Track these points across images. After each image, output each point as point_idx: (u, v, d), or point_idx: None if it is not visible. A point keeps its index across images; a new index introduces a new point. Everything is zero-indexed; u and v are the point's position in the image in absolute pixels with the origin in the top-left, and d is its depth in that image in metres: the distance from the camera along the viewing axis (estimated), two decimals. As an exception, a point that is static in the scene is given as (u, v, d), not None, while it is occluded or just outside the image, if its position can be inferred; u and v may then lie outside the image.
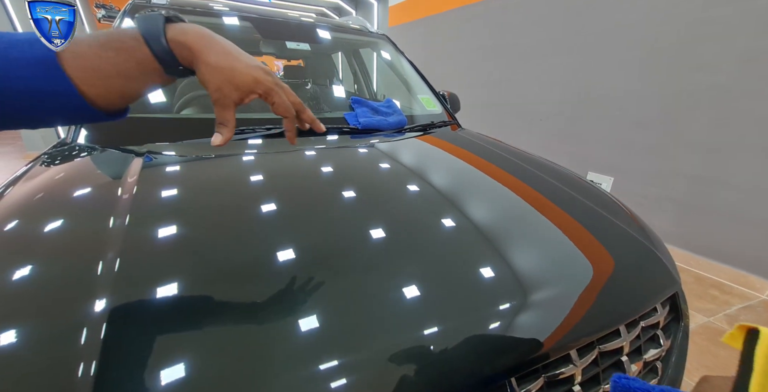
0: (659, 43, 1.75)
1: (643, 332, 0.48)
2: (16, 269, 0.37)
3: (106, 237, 0.42)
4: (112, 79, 0.29)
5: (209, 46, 0.31)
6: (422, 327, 0.36)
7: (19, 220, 0.45)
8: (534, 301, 0.42)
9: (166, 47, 0.29)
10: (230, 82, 0.32)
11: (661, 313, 0.50)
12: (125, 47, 0.29)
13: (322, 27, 1.23)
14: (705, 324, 1.32)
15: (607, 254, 0.54)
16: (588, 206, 0.67)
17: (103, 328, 0.31)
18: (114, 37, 0.29)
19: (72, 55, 0.28)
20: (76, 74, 0.28)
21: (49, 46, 0.27)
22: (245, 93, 0.34)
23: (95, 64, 0.28)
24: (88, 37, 0.29)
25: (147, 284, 0.37)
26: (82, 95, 0.28)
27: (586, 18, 2.09)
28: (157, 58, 0.30)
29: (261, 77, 0.34)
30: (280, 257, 0.43)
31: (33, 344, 0.30)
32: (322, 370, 0.31)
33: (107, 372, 0.28)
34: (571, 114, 2.28)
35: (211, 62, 0.31)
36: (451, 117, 1.23)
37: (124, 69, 0.29)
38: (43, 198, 0.51)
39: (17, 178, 0.57)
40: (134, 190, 0.51)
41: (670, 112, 1.76)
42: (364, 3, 5.75)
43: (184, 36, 0.30)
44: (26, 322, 0.32)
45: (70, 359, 0.29)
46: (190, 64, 0.31)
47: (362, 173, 0.72)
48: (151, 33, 0.29)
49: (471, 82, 3.05)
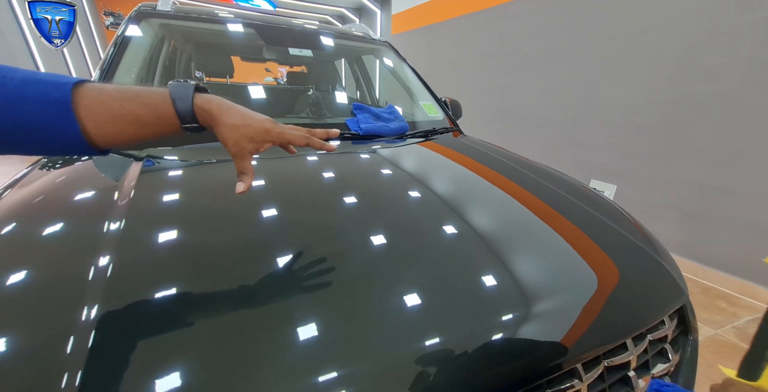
0: (663, 52, 1.76)
1: (651, 346, 0.46)
2: (6, 274, 0.36)
3: (101, 242, 0.41)
4: (126, 125, 0.33)
5: (228, 111, 0.38)
6: (423, 338, 0.35)
7: (13, 223, 0.45)
8: (537, 313, 0.41)
9: (190, 110, 0.36)
10: (245, 136, 0.38)
11: (669, 326, 0.49)
12: (151, 103, 0.34)
13: (325, 34, 1.24)
14: (712, 337, 1.29)
15: (612, 264, 0.52)
16: (592, 215, 0.66)
17: (91, 336, 0.30)
18: (142, 94, 0.34)
19: (96, 102, 0.32)
20: (91, 117, 0.31)
21: (65, 83, 0.30)
22: (260, 143, 0.40)
23: (114, 113, 0.32)
24: (114, 88, 0.33)
25: (139, 292, 0.36)
26: (85, 135, 0.32)
27: (589, 26, 2.11)
28: (179, 117, 0.35)
29: (269, 127, 0.40)
30: (279, 263, 0.42)
31: (17, 351, 0.29)
32: (323, 380, 0.30)
33: (92, 382, 0.27)
34: (574, 121, 2.28)
35: (228, 123, 0.37)
36: (452, 123, 1.23)
37: (141, 120, 0.34)
38: (39, 202, 0.51)
39: (15, 181, 0.57)
40: (132, 194, 0.51)
41: (675, 120, 1.76)
42: (368, 11, 5.86)
43: (209, 105, 0.37)
44: (11, 329, 0.31)
45: (54, 368, 0.28)
46: (208, 125, 0.38)
47: (364, 179, 0.71)
48: (181, 98, 0.35)
49: (473, 89, 3.07)
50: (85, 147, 0.32)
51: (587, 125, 2.19)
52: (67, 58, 4.51)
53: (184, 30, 1.18)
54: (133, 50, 0.89)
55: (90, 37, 5.21)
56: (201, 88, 0.38)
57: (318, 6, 6.17)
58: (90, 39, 5.21)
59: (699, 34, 1.62)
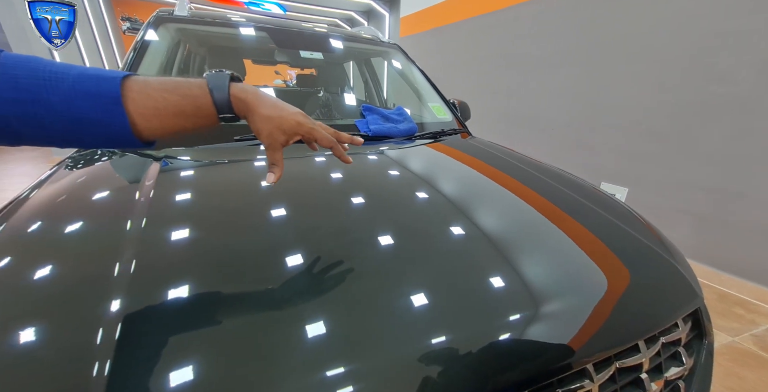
0: (675, 53, 1.73)
1: (664, 349, 0.46)
2: (37, 269, 0.38)
3: (124, 239, 0.43)
4: (169, 117, 0.34)
5: (262, 102, 0.38)
6: (432, 338, 0.35)
7: (41, 221, 0.47)
8: (546, 313, 0.41)
9: (227, 99, 0.36)
10: (279, 127, 0.39)
11: (683, 329, 0.48)
12: (190, 94, 0.35)
13: (335, 37, 1.26)
14: (729, 344, 1.25)
15: (624, 265, 0.52)
16: (603, 217, 0.65)
17: (118, 328, 0.32)
18: (181, 85, 0.35)
19: (143, 95, 0.33)
20: (139, 111, 0.33)
21: (111, 77, 0.32)
22: (290, 135, 0.41)
23: (159, 105, 0.34)
24: (156, 81, 0.35)
25: (161, 286, 0.37)
26: (132, 128, 0.33)
27: (598, 28, 2.09)
28: (216, 107, 0.36)
29: (302, 121, 0.41)
30: (293, 261, 0.43)
31: (52, 342, 0.31)
32: (332, 376, 0.31)
33: (121, 371, 0.29)
34: (583, 124, 2.25)
35: (263, 113, 0.38)
36: (461, 125, 1.23)
37: (183, 111, 0.35)
38: (65, 201, 0.53)
39: (42, 181, 0.59)
40: (151, 193, 0.53)
41: (687, 123, 1.72)
42: (376, 14, 5.91)
43: (244, 94, 0.37)
44: (44, 321, 0.33)
45: (85, 358, 0.29)
46: (243, 115, 0.38)
47: (374, 180, 0.72)
48: (218, 87, 0.36)
49: (479, 90, 3.06)
50: (132, 140, 0.34)
51: (597, 127, 2.16)
52: (86, 62, 4.67)
53: (200, 34, 1.21)
54: (152, 54, 0.92)
55: (107, 41, 5.38)
56: (236, 78, 0.38)
57: (327, 9, 6.25)
58: (107, 43, 5.38)
59: (712, 35, 1.59)
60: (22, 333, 0.31)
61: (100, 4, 5.29)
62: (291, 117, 0.40)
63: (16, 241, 0.43)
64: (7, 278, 0.38)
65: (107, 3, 5.57)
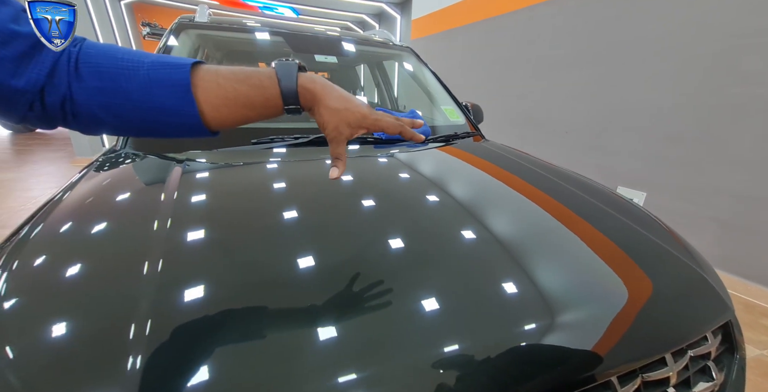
0: (696, 54, 1.68)
1: (692, 362, 0.44)
2: (72, 267, 0.40)
3: (151, 239, 0.45)
4: (238, 108, 0.34)
5: (330, 93, 0.37)
6: (448, 343, 0.35)
7: (75, 222, 0.49)
8: (566, 321, 0.40)
9: (294, 90, 0.35)
10: (345, 121, 0.37)
11: (713, 343, 0.46)
12: (260, 85, 0.34)
13: (349, 40, 1.27)
14: (757, 358, 1.19)
15: (648, 274, 0.50)
16: (624, 223, 0.63)
17: (148, 324, 0.33)
18: (253, 75, 0.34)
19: (213, 84, 0.32)
20: (208, 100, 0.32)
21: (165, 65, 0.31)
22: (355, 129, 0.39)
23: (229, 95, 0.33)
24: (228, 71, 0.34)
25: (187, 284, 0.38)
26: (201, 116, 0.32)
27: (616, 28, 2.04)
28: (283, 98, 0.35)
29: (367, 113, 0.39)
30: (311, 263, 0.44)
31: (87, 337, 0.32)
32: (351, 380, 0.31)
33: (152, 365, 0.30)
34: (599, 126, 2.19)
35: (330, 106, 0.36)
36: (474, 128, 1.22)
37: (251, 102, 0.34)
38: (96, 202, 0.55)
39: (74, 183, 0.62)
40: (175, 195, 0.54)
41: (710, 125, 1.66)
42: (388, 17, 5.93)
43: (312, 84, 0.36)
44: (81, 316, 0.34)
45: (120, 352, 0.30)
46: (310, 106, 0.37)
47: (389, 184, 0.72)
48: (287, 76, 0.35)
49: (492, 93, 3.03)
50: (201, 129, 0.33)
51: (613, 130, 2.11)
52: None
53: (220, 39, 1.25)
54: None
55: (128, 46, 5.58)
56: (302, 68, 0.37)
57: (339, 13, 6.32)
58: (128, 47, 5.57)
59: (735, 34, 1.53)
60: (63, 327, 0.33)
61: (122, 11, 5.50)
62: (357, 110, 0.38)
63: (53, 240, 0.46)
64: (45, 275, 0.39)
65: (129, 9, 5.79)
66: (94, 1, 3.93)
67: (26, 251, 0.43)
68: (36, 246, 0.44)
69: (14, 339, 0.32)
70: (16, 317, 0.34)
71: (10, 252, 0.42)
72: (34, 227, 0.47)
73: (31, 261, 0.41)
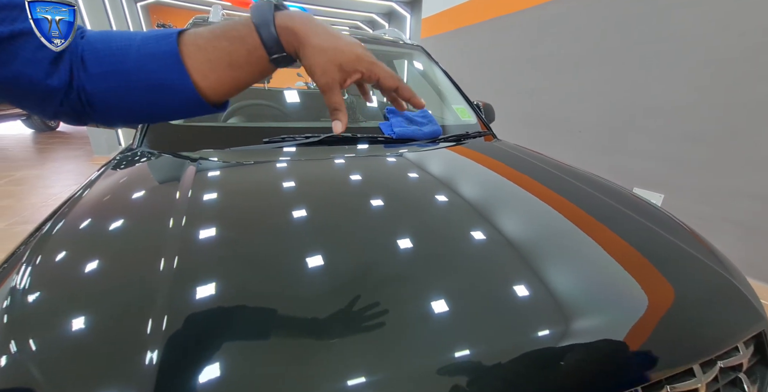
0: (718, 51, 1.61)
1: (722, 374, 0.42)
2: (92, 263, 0.41)
3: (167, 236, 0.45)
4: (223, 70, 0.31)
5: (313, 29, 0.32)
6: (459, 350, 0.34)
7: (95, 219, 0.50)
8: (584, 328, 0.38)
9: (274, 34, 0.30)
10: (334, 61, 0.32)
11: (744, 354, 0.44)
12: (238, 35, 0.30)
13: (363, 40, 1.27)
14: (783, 369, 1.13)
15: (674, 280, 0.48)
16: (648, 227, 0.61)
17: (165, 319, 0.33)
18: (229, 26, 0.31)
19: (195, 48, 0.30)
20: (195, 67, 0.30)
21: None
22: (348, 72, 0.33)
23: (211, 56, 0.30)
24: (206, 29, 0.31)
25: (202, 280, 0.39)
26: (196, 88, 0.30)
27: (632, 25, 1.98)
28: (265, 45, 0.31)
29: (362, 54, 0.33)
30: (323, 262, 0.44)
31: (107, 332, 0.33)
32: (367, 383, 0.30)
33: (169, 359, 0.30)
34: (613, 126, 2.14)
35: (315, 44, 0.31)
36: (486, 127, 1.20)
37: (234, 59, 0.31)
38: (114, 200, 0.57)
39: (92, 181, 0.63)
40: (189, 193, 0.55)
41: (734, 125, 1.59)
42: (397, 16, 5.92)
43: (291, 21, 0.31)
44: (101, 311, 0.35)
45: (138, 347, 0.31)
46: (295, 50, 0.32)
47: (400, 184, 0.72)
48: (262, 19, 0.30)
49: (503, 92, 2.99)
50: (201, 102, 0.31)
51: (628, 129, 2.05)
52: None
53: None
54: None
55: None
56: (281, 6, 0.32)
57: (349, 12, 6.34)
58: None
59: (763, 29, 1.46)
60: (84, 321, 0.33)
61: (138, 12, 5.64)
62: (348, 48, 0.32)
63: (74, 236, 0.47)
64: (67, 269, 0.40)
65: (145, 10, 5.93)
66: (111, 2, 4.04)
67: (49, 247, 0.44)
68: (58, 242, 0.45)
69: (37, 331, 0.32)
70: (39, 309, 0.35)
71: (34, 247, 0.44)
72: (56, 223, 0.48)
73: (53, 256, 0.42)
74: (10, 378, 0.28)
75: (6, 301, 0.35)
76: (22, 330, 0.32)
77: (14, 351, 0.30)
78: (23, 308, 0.34)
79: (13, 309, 0.34)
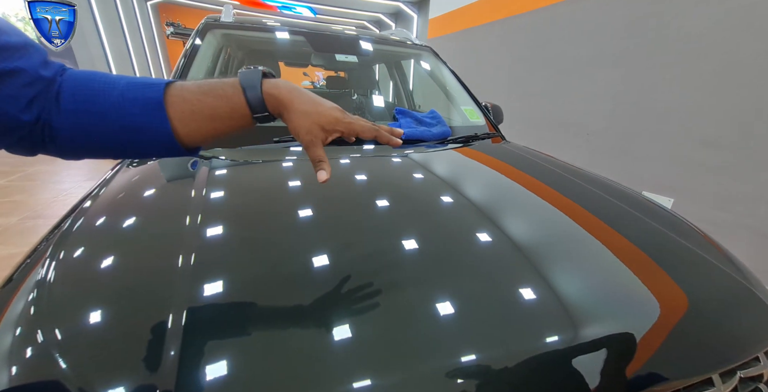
0: (735, 52, 1.58)
1: (742, 385, 0.41)
2: (111, 261, 0.42)
3: (183, 234, 0.46)
4: (203, 120, 0.34)
5: (298, 98, 0.36)
6: (466, 354, 0.34)
7: (112, 218, 0.51)
8: (598, 334, 0.38)
9: (260, 97, 0.34)
10: (317, 123, 0.37)
11: (765, 364, 0.42)
12: (224, 95, 0.34)
13: (370, 40, 1.27)
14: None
15: (687, 286, 0.47)
16: (659, 231, 0.60)
17: (184, 314, 0.34)
18: (217, 86, 0.34)
19: (179, 99, 0.33)
20: (177, 115, 0.32)
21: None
22: (329, 132, 0.38)
23: (195, 108, 0.33)
24: (193, 84, 0.34)
25: (218, 277, 0.39)
26: (174, 133, 0.33)
27: (648, 26, 1.95)
28: (250, 106, 0.34)
29: (340, 116, 0.38)
30: (335, 261, 0.44)
31: (129, 324, 0.34)
32: (376, 386, 0.30)
33: (189, 353, 0.31)
34: (624, 129, 2.11)
35: (300, 109, 0.36)
36: (494, 129, 1.19)
37: (217, 113, 0.34)
38: (130, 199, 0.58)
39: (107, 180, 0.64)
40: (203, 192, 0.56)
41: (751, 129, 1.56)
42: (404, 16, 5.91)
43: (277, 90, 0.35)
44: (122, 306, 0.36)
45: (160, 340, 0.31)
46: (279, 113, 0.36)
47: (408, 185, 0.71)
48: (250, 85, 0.34)
49: (510, 93, 2.97)
50: (175, 147, 0.33)
51: (639, 132, 2.02)
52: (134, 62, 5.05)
53: (244, 39, 1.27)
54: (201, 58, 0.97)
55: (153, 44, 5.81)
56: (268, 75, 0.36)
57: (356, 12, 6.35)
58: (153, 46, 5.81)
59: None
60: (106, 315, 0.34)
61: (148, 11, 5.72)
62: (329, 112, 0.37)
63: (94, 233, 0.48)
64: (88, 265, 0.41)
65: (154, 9, 6.00)
66: (122, 1, 4.09)
67: (70, 243, 0.45)
68: (79, 238, 0.46)
69: (62, 323, 0.33)
70: (63, 302, 0.36)
71: (56, 243, 0.44)
72: (76, 220, 0.49)
73: (75, 252, 0.43)
74: (37, 368, 0.29)
75: (32, 294, 0.36)
76: (48, 322, 0.32)
77: (41, 341, 0.30)
78: (48, 301, 0.35)
79: (39, 301, 0.35)
